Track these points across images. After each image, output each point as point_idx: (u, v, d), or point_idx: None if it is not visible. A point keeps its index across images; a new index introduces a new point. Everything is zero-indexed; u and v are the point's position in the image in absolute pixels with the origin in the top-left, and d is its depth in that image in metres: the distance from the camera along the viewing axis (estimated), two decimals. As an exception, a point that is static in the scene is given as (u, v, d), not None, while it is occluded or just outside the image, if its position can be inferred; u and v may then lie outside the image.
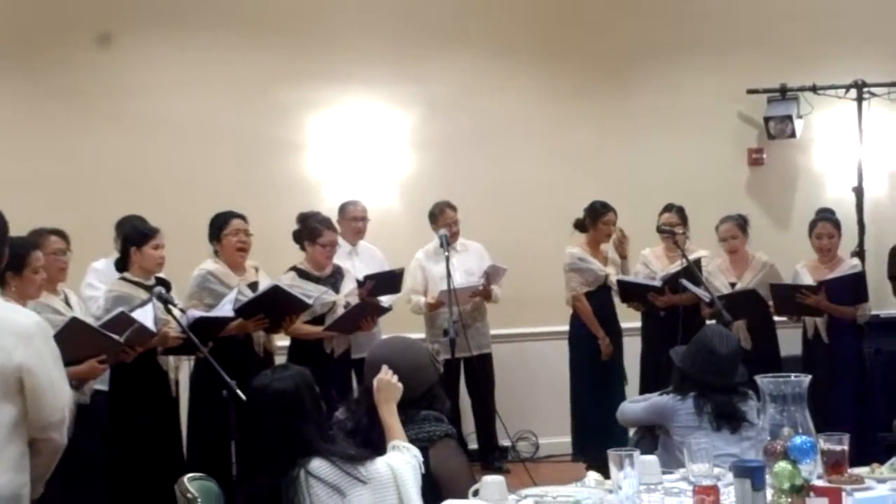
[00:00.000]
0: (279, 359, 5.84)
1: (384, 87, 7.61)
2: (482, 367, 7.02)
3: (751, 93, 7.98)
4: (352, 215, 6.81)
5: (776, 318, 6.70)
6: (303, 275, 6.05)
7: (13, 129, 7.00)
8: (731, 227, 6.69)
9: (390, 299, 6.53)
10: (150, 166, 7.12)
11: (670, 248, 6.72)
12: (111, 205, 6.30)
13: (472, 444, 7.09)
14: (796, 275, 6.60)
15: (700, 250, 6.74)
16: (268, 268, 6.01)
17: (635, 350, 6.90)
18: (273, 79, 7.40)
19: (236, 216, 5.81)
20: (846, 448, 3.08)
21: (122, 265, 5.43)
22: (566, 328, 6.96)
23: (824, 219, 6.67)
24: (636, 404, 4.47)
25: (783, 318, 6.74)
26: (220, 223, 5.79)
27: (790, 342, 6.75)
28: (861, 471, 3.33)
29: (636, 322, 6.94)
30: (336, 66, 7.49)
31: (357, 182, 7.49)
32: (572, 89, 7.92)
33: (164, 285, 5.38)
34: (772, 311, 6.58)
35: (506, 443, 7.04)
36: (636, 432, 4.49)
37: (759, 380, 2.89)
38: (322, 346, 6.01)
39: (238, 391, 4.19)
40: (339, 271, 6.23)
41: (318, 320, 5.99)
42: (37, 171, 6.94)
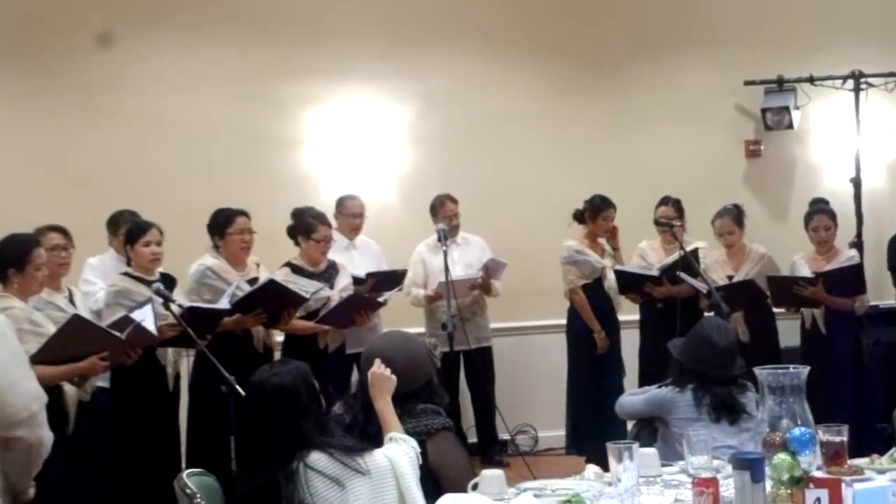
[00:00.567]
0: (279, 354, 5.85)
1: (381, 82, 7.60)
2: (482, 361, 7.02)
3: (748, 84, 7.98)
4: (350, 211, 6.77)
5: (775, 310, 6.71)
6: (297, 270, 6.02)
7: (12, 125, 6.98)
8: (726, 223, 6.68)
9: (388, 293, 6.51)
10: (148, 162, 7.10)
11: (667, 240, 6.71)
12: (110, 201, 6.29)
13: (472, 438, 7.10)
14: (794, 266, 6.60)
15: (697, 242, 6.73)
16: (265, 263, 5.99)
17: (633, 342, 6.89)
18: (270, 74, 7.38)
19: (241, 214, 5.76)
20: (845, 439, 3.07)
21: (128, 260, 5.45)
22: (565, 321, 6.96)
23: (820, 210, 6.67)
24: (635, 397, 4.47)
25: (782, 310, 6.75)
26: (224, 220, 5.73)
27: (789, 334, 6.76)
28: (860, 462, 3.33)
29: (634, 314, 6.94)
30: (333, 61, 7.48)
31: (354, 177, 7.47)
32: (569, 83, 7.92)
33: (170, 282, 5.39)
34: (770, 302, 6.59)
35: (505, 436, 7.05)
36: (635, 425, 4.48)
37: (757, 371, 2.89)
38: (316, 341, 5.98)
39: (237, 386, 4.19)
40: (334, 266, 6.19)
41: (312, 316, 5.95)
42: (36, 168, 6.93)
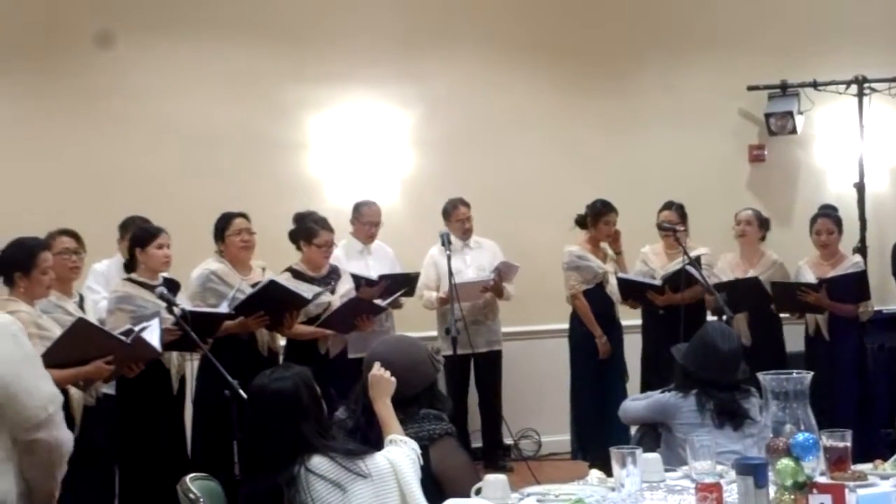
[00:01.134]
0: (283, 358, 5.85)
1: (385, 86, 7.61)
2: (491, 365, 7.02)
3: (751, 89, 7.99)
4: (367, 219, 6.70)
5: (781, 315, 6.70)
6: (298, 275, 6.02)
7: (16, 130, 6.99)
8: (749, 216, 6.74)
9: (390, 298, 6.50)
10: (152, 167, 7.11)
11: (670, 245, 6.72)
12: (114, 205, 6.32)
13: (478, 443, 7.08)
14: (799, 272, 6.59)
15: (700, 248, 6.73)
16: (271, 267, 5.99)
17: (636, 347, 6.89)
18: (274, 79, 7.40)
19: (238, 216, 5.83)
20: (849, 444, 3.08)
21: (129, 266, 5.43)
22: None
23: (824, 215, 6.67)
24: (638, 402, 4.46)
25: (787, 315, 6.74)
26: (222, 224, 5.81)
27: (793, 339, 6.75)
28: (864, 467, 3.33)
29: (637, 319, 6.94)
30: (337, 65, 7.48)
31: (359, 181, 7.48)
32: (573, 87, 7.92)
33: (174, 286, 5.39)
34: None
35: (509, 441, 7.04)
36: (638, 430, 4.48)
37: (761, 377, 2.89)
38: (318, 347, 5.97)
39: (240, 391, 4.20)
40: (336, 271, 6.18)
41: (313, 322, 5.95)
42: (39, 173, 6.93)
